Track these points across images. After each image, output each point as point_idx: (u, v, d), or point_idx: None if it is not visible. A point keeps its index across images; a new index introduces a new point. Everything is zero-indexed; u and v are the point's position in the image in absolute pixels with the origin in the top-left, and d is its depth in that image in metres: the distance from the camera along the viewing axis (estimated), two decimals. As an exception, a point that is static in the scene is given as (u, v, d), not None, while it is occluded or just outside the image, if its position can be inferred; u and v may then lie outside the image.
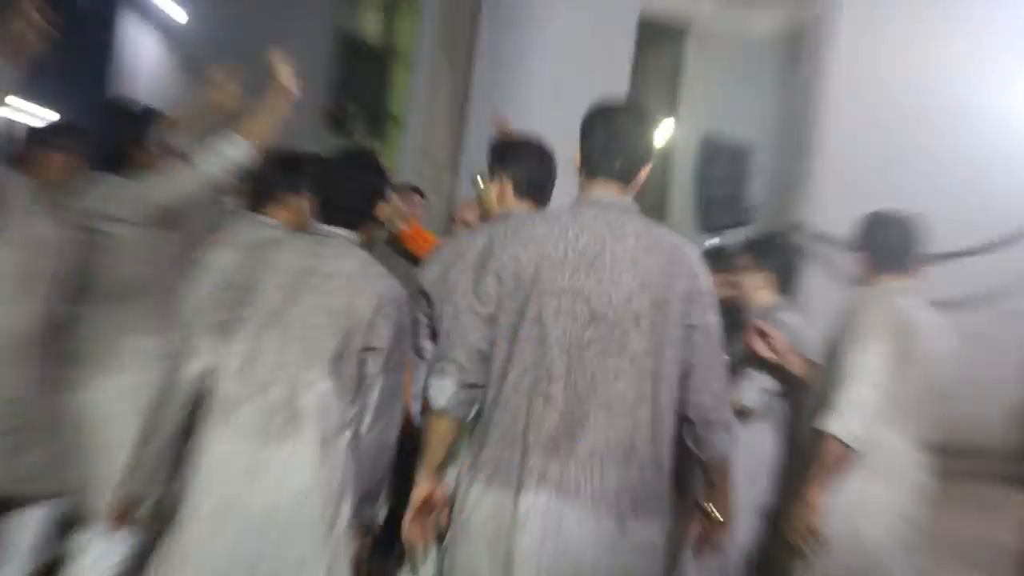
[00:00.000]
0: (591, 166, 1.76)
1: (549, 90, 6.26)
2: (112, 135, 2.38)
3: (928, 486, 2.21)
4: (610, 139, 1.74)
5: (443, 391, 1.73)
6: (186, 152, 2.46)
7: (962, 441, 3.02)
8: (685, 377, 1.69)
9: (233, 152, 2.26)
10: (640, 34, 6.96)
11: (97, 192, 2.30)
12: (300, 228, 2.22)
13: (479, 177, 2.19)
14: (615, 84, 6.40)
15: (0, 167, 2.30)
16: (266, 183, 2.25)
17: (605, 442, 1.63)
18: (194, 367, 1.87)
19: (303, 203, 2.23)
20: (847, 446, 2.09)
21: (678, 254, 1.69)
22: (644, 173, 1.77)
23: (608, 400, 1.63)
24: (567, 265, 1.66)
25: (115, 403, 2.24)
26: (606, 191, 1.74)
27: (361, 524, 1.91)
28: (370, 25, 9.59)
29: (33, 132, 2.41)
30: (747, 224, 6.15)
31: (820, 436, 2.14)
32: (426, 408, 1.80)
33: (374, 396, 1.87)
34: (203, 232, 2.33)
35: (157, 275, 2.32)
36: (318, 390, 1.81)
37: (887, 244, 2.35)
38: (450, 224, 3.45)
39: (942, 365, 2.25)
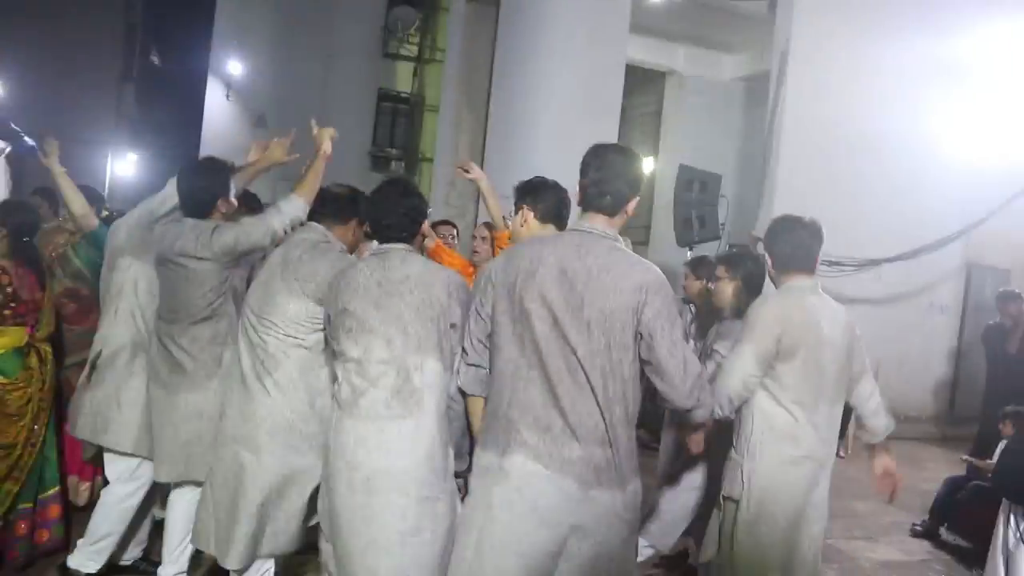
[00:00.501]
0: (586, 201, 1.80)
1: (552, 131, 6.47)
2: (202, 187, 2.47)
3: (824, 449, 2.17)
4: (601, 178, 1.77)
5: (459, 371, 1.90)
6: (241, 193, 2.60)
7: (897, 410, 2.88)
8: (652, 374, 1.71)
9: (292, 210, 2.40)
10: (627, 80, 7.17)
11: (187, 235, 2.40)
12: (354, 247, 2.40)
13: (510, 214, 2.29)
14: (608, 124, 6.65)
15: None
16: (333, 206, 2.38)
17: (573, 421, 1.68)
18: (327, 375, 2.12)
19: (357, 228, 2.40)
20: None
21: (630, 272, 1.69)
22: (632, 204, 1.80)
23: (571, 389, 1.68)
24: (537, 278, 1.72)
25: (215, 402, 2.38)
26: (593, 221, 1.78)
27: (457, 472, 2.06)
28: (405, 82, 10.39)
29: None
30: (716, 239, 6.36)
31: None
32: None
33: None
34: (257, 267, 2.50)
35: (226, 301, 2.45)
36: (428, 368, 1.91)
37: (790, 245, 2.23)
38: (473, 240, 3.59)
39: (841, 349, 2.18)
